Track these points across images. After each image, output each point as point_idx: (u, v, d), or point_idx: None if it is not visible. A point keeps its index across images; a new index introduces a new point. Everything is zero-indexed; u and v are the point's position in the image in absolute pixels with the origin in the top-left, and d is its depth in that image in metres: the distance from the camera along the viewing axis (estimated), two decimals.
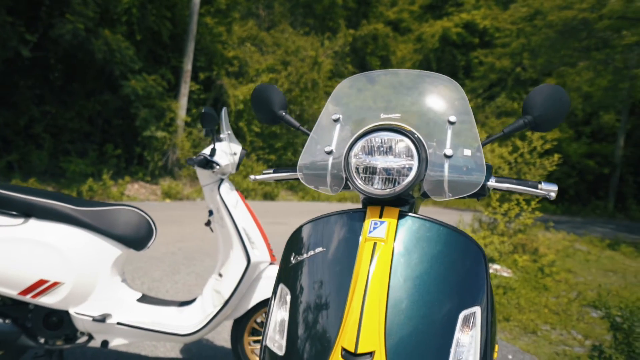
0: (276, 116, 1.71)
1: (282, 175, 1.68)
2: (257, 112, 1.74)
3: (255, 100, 1.73)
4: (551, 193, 1.37)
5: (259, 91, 1.72)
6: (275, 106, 1.71)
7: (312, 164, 1.50)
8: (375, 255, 1.23)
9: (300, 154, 1.54)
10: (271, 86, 1.72)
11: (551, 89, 1.46)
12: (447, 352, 1.15)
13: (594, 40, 16.07)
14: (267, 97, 1.71)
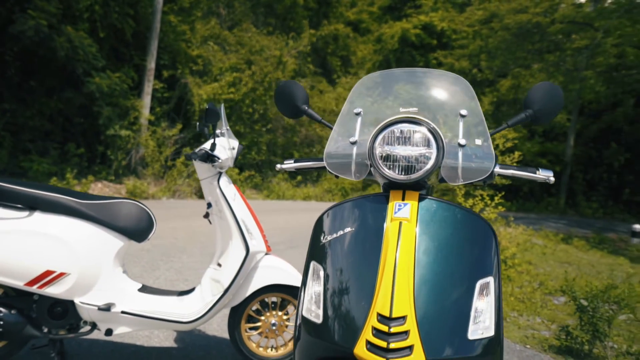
0: (299, 110, 1.87)
1: (307, 164, 1.84)
2: (281, 107, 1.90)
3: (279, 95, 1.89)
4: (550, 178, 1.58)
5: (283, 87, 1.88)
6: (298, 101, 1.87)
7: (337, 153, 1.67)
8: (401, 233, 1.41)
9: (326, 145, 1.70)
10: (294, 82, 1.88)
11: (549, 87, 1.67)
12: (468, 316, 1.34)
13: (546, 43, 16.76)
14: (291, 92, 1.87)
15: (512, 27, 14.66)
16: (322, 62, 24.35)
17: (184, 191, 12.94)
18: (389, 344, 1.28)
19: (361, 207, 1.54)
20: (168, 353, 3.16)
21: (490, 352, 1.34)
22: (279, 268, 3.00)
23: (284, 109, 1.90)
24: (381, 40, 26.23)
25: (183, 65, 14.85)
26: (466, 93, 1.65)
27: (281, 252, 6.54)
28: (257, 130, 16.13)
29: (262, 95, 15.72)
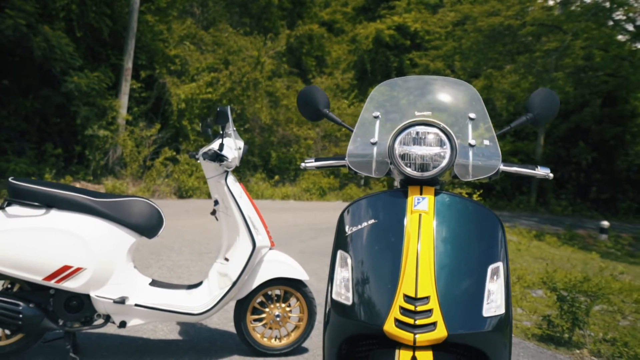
0: (320, 113, 2.04)
1: (329, 163, 2.01)
2: (303, 110, 2.06)
3: (301, 99, 2.06)
4: (549, 174, 1.79)
5: (306, 92, 2.05)
6: (320, 105, 2.03)
7: (357, 153, 1.85)
8: (421, 224, 1.59)
9: (348, 145, 1.87)
10: (316, 88, 2.05)
11: (546, 92, 1.88)
12: (482, 296, 1.52)
13: (516, 45, 17.23)
14: (313, 97, 2.04)
15: (484, 29, 15.05)
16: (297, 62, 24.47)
17: (164, 191, 12.96)
18: (415, 321, 1.45)
19: (383, 201, 1.72)
20: (175, 345, 3.29)
21: (501, 328, 1.53)
22: (282, 262, 3.16)
23: (305, 112, 2.07)
24: (356, 40, 26.48)
25: (160, 65, 14.83)
26: (473, 98, 1.84)
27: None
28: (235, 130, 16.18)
29: (240, 95, 15.79)
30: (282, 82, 18.74)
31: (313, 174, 17.81)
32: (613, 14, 16.03)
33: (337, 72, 23.85)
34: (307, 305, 3.23)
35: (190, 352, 3.17)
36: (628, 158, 22.43)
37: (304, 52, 24.98)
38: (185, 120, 14.75)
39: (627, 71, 15.39)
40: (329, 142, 19.28)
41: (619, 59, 15.43)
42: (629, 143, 22.82)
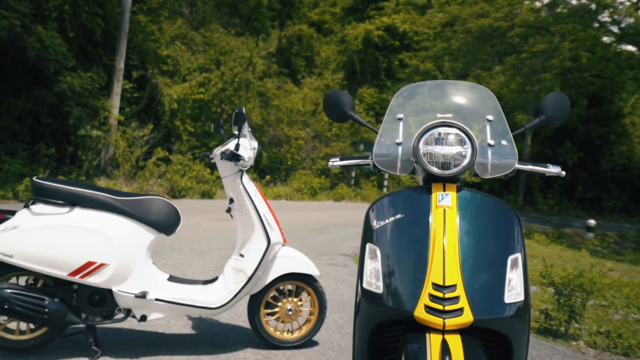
0: (346, 115, 2.16)
1: (354, 162, 2.13)
2: (329, 112, 2.19)
3: (327, 102, 2.18)
4: (562, 172, 1.93)
5: (332, 95, 2.17)
6: (345, 107, 2.16)
7: (383, 153, 1.97)
8: (446, 218, 1.72)
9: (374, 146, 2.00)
10: (341, 91, 2.18)
11: (558, 95, 2.02)
12: (503, 284, 1.65)
13: (504, 46, 17.48)
14: (338, 100, 2.16)
15: (474, 30, 15.27)
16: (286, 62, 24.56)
17: (157, 191, 12.99)
18: (444, 307, 1.58)
19: (408, 197, 1.84)
20: (190, 339, 3.40)
21: (521, 313, 1.66)
22: (295, 258, 3.28)
23: (331, 114, 2.19)
24: (345, 41, 26.62)
25: (152, 66, 14.86)
26: (490, 101, 1.98)
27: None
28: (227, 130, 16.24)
29: (232, 95, 15.86)
30: (273, 82, 18.83)
31: (304, 174, 17.93)
32: (598, 15, 16.32)
33: (327, 73, 23.97)
34: (318, 299, 3.35)
35: (205, 346, 3.28)
36: (613, 158, 22.84)
37: (294, 53, 25.08)
38: (177, 120, 14.79)
39: (612, 72, 15.69)
40: (319, 142, 19.40)
41: (605, 61, 15.72)
42: (613, 143, 23.24)
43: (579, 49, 15.41)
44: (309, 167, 18.62)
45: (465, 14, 15.90)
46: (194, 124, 15.46)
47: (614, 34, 16.78)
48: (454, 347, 1.52)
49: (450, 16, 17.69)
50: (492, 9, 14.50)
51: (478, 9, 15.03)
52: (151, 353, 3.07)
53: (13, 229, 2.77)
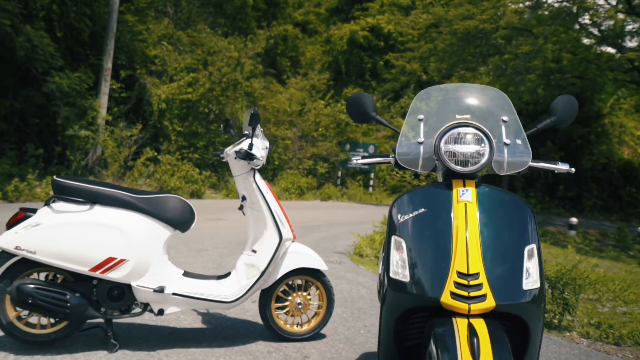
0: (369, 116, 2.29)
1: (376, 160, 2.26)
2: (352, 114, 2.31)
3: (351, 104, 2.31)
4: (571, 169, 2.07)
5: (355, 98, 2.30)
6: (368, 109, 2.29)
7: (404, 152, 2.10)
8: (467, 212, 1.85)
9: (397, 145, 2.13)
10: (364, 94, 2.31)
11: (567, 98, 2.17)
12: (521, 272, 1.79)
13: (487, 47, 17.76)
14: (361, 102, 2.29)
15: (459, 32, 15.51)
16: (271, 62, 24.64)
17: None
18: (469, 293, 1.72)
19: (430, 192, 1.98)
20: (201, 333, 3.50)
21: (537, 299, 1.80)
22: (304, 253, 3.40)
23: (354, 115, 2.32)
24: (330, 41, 26.78)
25: (140, 66, 14.86)
26: (505, 103, 2.12)
27: None
28: (214, 131, 16.32)
29: (220, 95, 15.90)
30: (259, 82, 18.90)
31: (291, 174, 18.03)
32: (579, 18, 16.66)
33: (312, 73, 24.10)
34: (326, 293, 3.47)
35: (218, 339, 3.39)
36: (593, 157, 23.27)
37: (279, 53, 25.17)
38: (165, 120, 14.80)
39: (593, 74, 16.02)
40: (306, 142, 19.52)
41: (586, 62, 16.05)
42: (593, 143, 23.69)
43: (562, 51, 15.72)
44: (295, 167, 18.73)
45: (451, 16, 16.15)
46: (182, 124, 15.47)
47: (594, 36, 17.15)
48: (480, 330, 1.65)
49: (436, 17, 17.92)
50: (478, 10, 14.75)
51: (463, 11, 15.28)
52: (166, 346, 3.17)
53: (35, 226, 2.85)
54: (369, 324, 3.99)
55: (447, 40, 16.51)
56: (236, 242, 7.33)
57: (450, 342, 1.65)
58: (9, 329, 2.89)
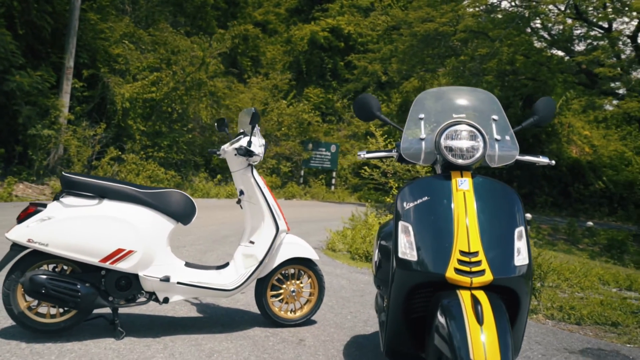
0: (374, 115, 2.54)
1: (381, 155, 2.52)
2: (359, 113, 2.56)
3: (357, 104, 2.55)
4: (552, 162, 2.37)
5: (361, 99, 2.55)
6: (373, 108, 2.54)
7: (408, 147, 2.36)
8: (466, 199, 2.12)
9: (401, 141, 2.38)
10: (369, 95, 2.56)
11: (547, 100, 2.47)
12: (513, 251, 2.07)
13: (444, 49, 18.33)
14: (367, 102, 2.54)
15: (419, 34, 15.98)
16: (232, 62, 24.67)
17: None
18: (471, 269, 1.99)
19: (432, 182, 2.24)
20: (199, 321, 3.68)
21: (527, 274, 2.08)
22: (297, 244, 3.63)
23: (361, 114, 2.57)
24: (291, 41, 26.97)
25: (103, 64, 14.72)
26: (494, 103, 2.41)
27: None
28: (177, 130, 16.31)
29: (183, 94, 15.89)
30: (222, 82, 18.94)
31: None
32: (531, 22, 17.39)
33: (273, 73, 24.21)
34: (317, 281, 3.71)
35: (217, 326, 3.58)
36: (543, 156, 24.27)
37: (239, 52, 25.20)
38: (129, 119, 14.70)
39: (545, 76, 16.76)
40: (269, 141, 19.64)
41: (538, 65, 16.78)
42: (544, 142, 24.68)
43: (516, 54, 16.38)
44: (259, 166, 18.84)
45: (411, 18, 16.61)
46: (145, 123, 15.40)
47: (545, 39, 17.93)
48: (482, 299, 1.92)
49: (396, 20, 18.36)
50: (437, 13, 15.25)
51: (423, 14, 15.76)
52: (169, 333, 3.34)
53: (47, 220, 2.98)
54: (354, 311, 4.25)
55: (407, 42, 16.97)
56: (212, 238, 7.48)
57: (456, 310, 1.91)
58: (21, 318, 3.01)
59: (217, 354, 3.07)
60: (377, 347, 3.45)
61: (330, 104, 25.56)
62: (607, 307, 4.78)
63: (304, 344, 3.36)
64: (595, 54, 13.82)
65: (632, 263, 10.42)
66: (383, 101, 24.10)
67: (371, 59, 19.74)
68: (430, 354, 2.20)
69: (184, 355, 3.01)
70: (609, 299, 5.17)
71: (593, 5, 15.75)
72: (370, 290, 5.06)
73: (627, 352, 3.74)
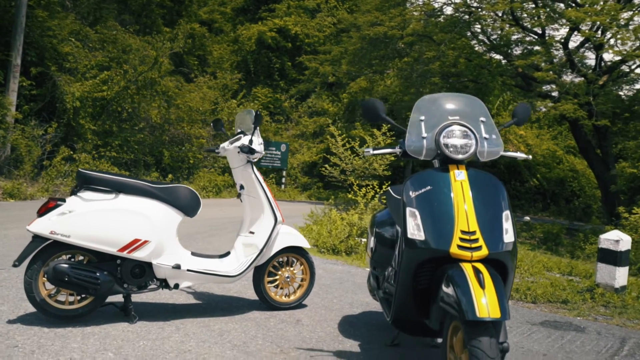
0: (380, 117, 2.91)
1: (386, 151, 2.89)
2: (366, 115, 2.92)
3: (365, 107, 2.92)
4: (529, 156, 2.82)
5: (369, 102, 2.91)
6: (379, 111, 2.90)
7: (411, 144, 2.74)
8: (463, 188, 2.53)
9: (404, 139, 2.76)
10: (375, 99, 2.92)
11: (524, 105, 2.93)
12: (502, 230, 2.49)
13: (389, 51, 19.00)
14: (374, 106, 2.90)
15: (368, 37, 16.54)
16: (179, 61, 24.55)
17: (64, 191, 12.75)
18: (471, 245, 2.39)
19: (433, 174, 2.64)
20: (200, 307, 3.95)
21: (513, 249, 2.51)
22: (292, 234, 3.98)
23: (368, 116, 2.94)
24: (238, 41, 27.07)
25: (52, 62, 14.46)
26: (482, 107, 2.83)
27: (203, 239, 7.33)
28: (127, 129, 16.21)
29: (135, 94, 15.80)
30: (172, 81, 18.89)
31: (208, 173, 18.26)
32: (471, 27, 18.28)
33: (220, 73, 24.27)
34: (309, 267, 4.06)
35: (217, 310, 3.86)
36: None
37: (186, 51, 25.06)
38: (81, 118, 14.51)
39: (486, 79, 17.67)
40: (220, 140, 19.72)
41: (479, 67, 17.66)
42: None
43: (460, 57, 17.18)
44: (211, 166, 18.95)
45: (360, 22, 17.15)
46: (95, 122, 15.23)
47: (485, 44, 18.87)
48: (482, 269, 2.33)
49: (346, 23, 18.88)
50: (386, 17, 15.84)
51: (373, 18, 16.32)
52: (177, 317, 3.60)
53: (68, 213, 3.20)
54: (338, 295, 4.62)
55: (357, 44, 17.50)
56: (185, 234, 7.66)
57: (461, 278, 2.31)
58: (42, 305, 3.21)
59: (227, 333, 3.37)
60: (368, 323, 3.84)
61: (279, 103, 25.85)
62: (557, 288, 5.36)
63: (301, 324, 3.70)
64: (533, 59, 14.72)
65: (567, 253, 11.26)
66: (333, 101, 24.65)
67: (322, 60, 20.17)
68: (433, 317, 2.61)
69: (197, 334, 3.30)
70: (557, 282, 5.76)
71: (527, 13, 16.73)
72: (347, 278, 5.45)
73: (578, 323, 4.29)
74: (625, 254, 5.16)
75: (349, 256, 6.94)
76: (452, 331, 2.42)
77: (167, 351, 2.99)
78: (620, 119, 16.78)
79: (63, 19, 16.38)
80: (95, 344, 2.99)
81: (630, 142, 16.55)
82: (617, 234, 5.23)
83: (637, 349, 3.71)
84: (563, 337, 3.88)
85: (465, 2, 16.53)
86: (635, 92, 16.77)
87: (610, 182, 14.83)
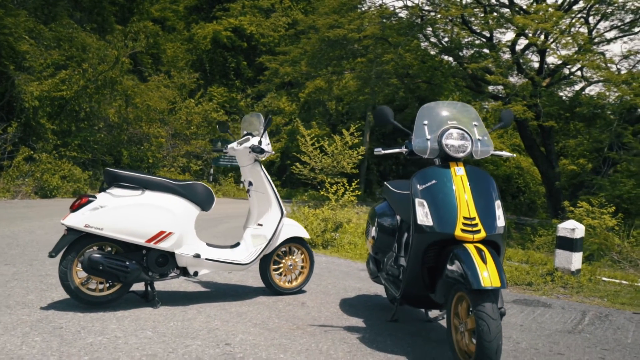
0: (389, 122, 3.35)
1: (395, 151, 3.34)
2: (377, 120, 3.36)
3: (377, 113, 3.35)
4: (513, 154, 3.33)
5: (380, 109, 3.35)
6: (389, 117, 3.34)
7: (417, 145, 3.20)
8: (463, 182, 3.00)
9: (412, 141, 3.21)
10: (385, 106, 3.36)
11: (508, 111, 3.42)
12: (495, 216, 2.97)
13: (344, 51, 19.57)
14: (385, 112, 3.34)
15: (327, 39, 17.05)
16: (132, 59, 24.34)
17: (25, 191, 12.64)
18: (472, 229, 2.87)
19: (436, 171, 3.10)
20: (208, 294, 4.29)
21: (504, 232, 3.00)
22: (294, 225, 4.39)
23: (379, 121, 3.38)
24: (193, 40, 27.06)
25: (8, 61, 14.24)
26: (474, 113, 3.31)
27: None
28: (86, 129, 16.12)
29: (94, 93, 15.72)
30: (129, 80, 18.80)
31: (168, 172, 18.31)
32: (424, 30, 19.06)
33: (175, 71, 24.22)
34: (309, 256, 4.47)
35: (225, 297, 4.21)
36: None
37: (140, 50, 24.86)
38: (40, 118, 14.35)
39: (439, 80, 18.48)
40: (179, 140, 19.84)
41: (433, 69, 18.45)
42: None
43: (415, 59, 17.88)
44: (170, 165, 19.00)
45: (319, 24, 17.63)
46: (53, 121, 15.08)
47: (437, 46, 19.69)
48: (483, 248, 2.80)
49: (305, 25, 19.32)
50: (345, 20, 16.39)
51: (331, 20, 16.84)
52: (193, 302, 3.93)
53: (100, 208, 3.49)
54: (331, 282, 5.05)
55: (316, 45, 17.97)
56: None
57: (466, 256, 2.77)
58: (76, 292, 3.49)
59: (244, 315, 3.73)
60: (365, 304, 4.29)
61: (234, 102, 26.04)
62: (521, 273, 5.95)
63: (307, 306, 4.10)
64: (485, 63, 15.54)
65: (518, 246, 12.05)
66: (292, 101, 25.06)
67: (282, 61, 20.54)
68: (438, 291, 3.08)
69: (218, 316, 3.65)
70: (520, 268, 6.37)
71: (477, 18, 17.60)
72: (333, 267, 5.88)
73: (544, 301, 4.87)
74: (579, 240, 5.80)
75: (327, 249, 7.37)
76: (456, 301, 2.89)
77: (197, 329, 3.33)
78: (562, 119, 17.89)
79: (16, 16, 16.10)
80: (131, 325, 3.31)
81: (571, 140, 17.69)
82: (573, 224, 5.86)
83: (596, 319, 4.31)
84: (534, 311, 4.44)
85: (418, 6, 17.26)
86: (574, 93, 17.95)
87: (554, 179, 15.84)
